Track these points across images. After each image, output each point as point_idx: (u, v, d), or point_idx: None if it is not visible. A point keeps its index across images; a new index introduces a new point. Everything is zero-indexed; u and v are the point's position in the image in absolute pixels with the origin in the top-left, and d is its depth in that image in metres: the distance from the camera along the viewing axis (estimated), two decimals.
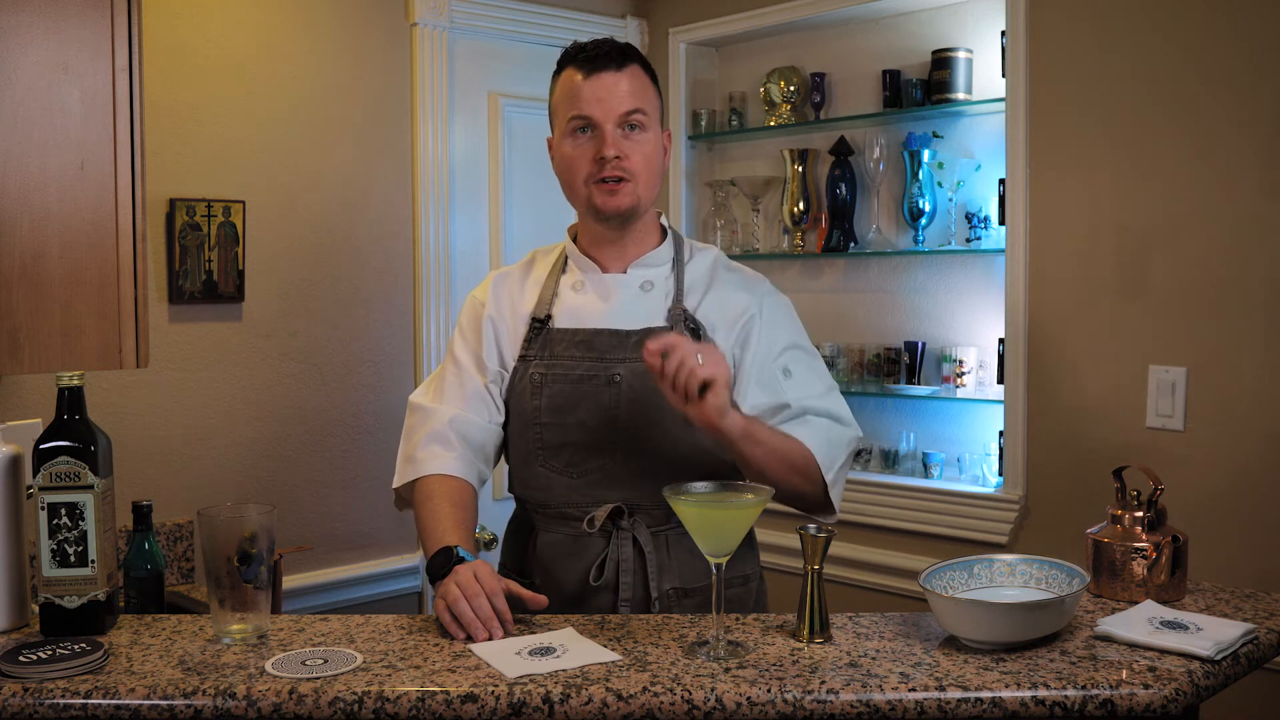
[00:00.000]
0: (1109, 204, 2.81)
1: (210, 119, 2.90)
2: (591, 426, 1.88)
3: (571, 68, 1.90)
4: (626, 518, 1.88)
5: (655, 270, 1.96)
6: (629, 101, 1.86)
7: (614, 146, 1.85)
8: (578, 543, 1.89)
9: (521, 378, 1.93)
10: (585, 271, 1.97)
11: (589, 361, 1.90)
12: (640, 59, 1.93)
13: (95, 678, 1.48)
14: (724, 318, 1.94)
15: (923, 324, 3.35)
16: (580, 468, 1.89)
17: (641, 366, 1.84)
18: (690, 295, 1.95)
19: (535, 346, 1.94)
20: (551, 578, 1.90)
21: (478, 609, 1.61)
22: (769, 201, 3.66)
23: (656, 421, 1.87)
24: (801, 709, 1.41)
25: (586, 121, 1.86)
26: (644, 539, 1.88)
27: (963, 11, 3.22)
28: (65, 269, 2.07)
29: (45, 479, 1.64)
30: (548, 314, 1.95)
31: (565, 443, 1.89)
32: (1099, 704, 1.41)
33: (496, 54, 3.48)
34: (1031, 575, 1.71)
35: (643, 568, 1.88)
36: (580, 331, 1.92)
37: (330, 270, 3.12)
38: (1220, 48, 2.62)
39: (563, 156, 1.91)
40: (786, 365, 1.93)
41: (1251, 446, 2.60)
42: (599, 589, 1.87)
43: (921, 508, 3.20)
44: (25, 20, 2.02)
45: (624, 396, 1.87)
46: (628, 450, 1.88)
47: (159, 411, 2.84)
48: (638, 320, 1.92)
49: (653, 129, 1.90)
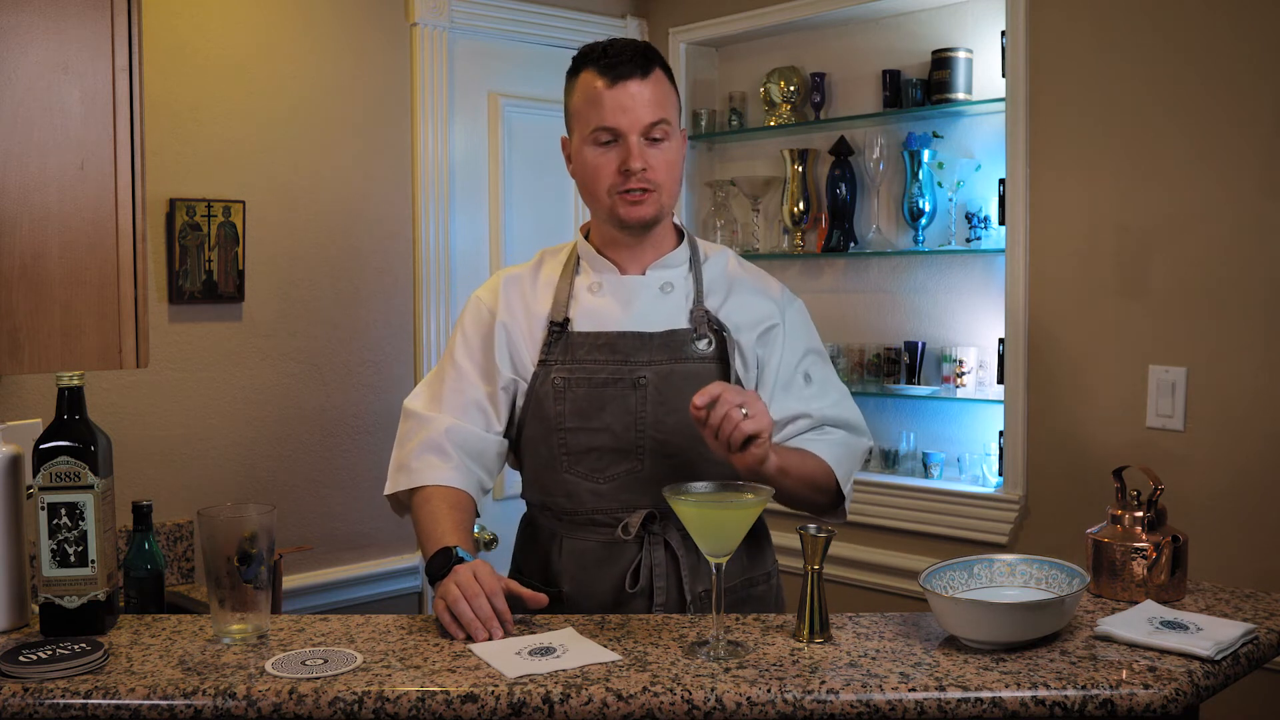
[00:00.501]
0: (1109, 204, 2.81)
1: (210, 119, 2.90)
2: (617, 431, 1.86)
3: (593, 71, 1.85)
4: (657, 522, 1.87)
5: (674, 271, 1.95)
6: (654, 112, 1.84)
7: (639, 159, 1.83)
8: (609, 550, 1.87)
9: (542, 382, 1.90)
10: (602, 273, 1.94)
11: (613, 365, 1.88)
12: (661, 61, 1.89)
13: (95, 678, 1.48)
14: (747, 321, 1.94)
15: (923, 324, 3.35)
16: (606, 473, 1.87)
17: (666, 369, 1.87)
18: (711, 296, 1.95)
19: (556, 350, 1.90)
20: (583, 586, 1.88)
21: (478, 609, 1.61)
22: (769, 201, 3.66)
23: (682, 424, 1.86)
24: (801, 709, 1.41)
25: (611, 133, 1.84)
26: (675, 542, 1.88)
27: (963, 11, 3.22)
28: (65, 269, 2.07)
29: (45, 479, 1.64)
30: (566, 317, 1.92)
31: (591, 448, 1.87)
32: (1099, 704, 1.41)
33: (496, 54, 3.48)
34: (1031, 575, 1.71)
35: (676, 571, 1.88)
36: (602, 335, 1.89)
37: (330, 270, 3.12)
38: (1220, 48, 2.62)
39: (584, 165, 1.88)
40: (807, 371, 1.96)
41: (1251, 446, 2.60)
42: (634, 595, 1.86)
43: (921, 508, 3.20)
44: (25, 20, 2.02)
45: (650, 399, 1.86)
46: (654, 454, 1.87)
47: (159, 411, 2.84)
48: (660, 322, 1.91)
49: (675, 136, 1.88)
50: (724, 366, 1.91)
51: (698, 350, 1.90)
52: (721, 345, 1.91)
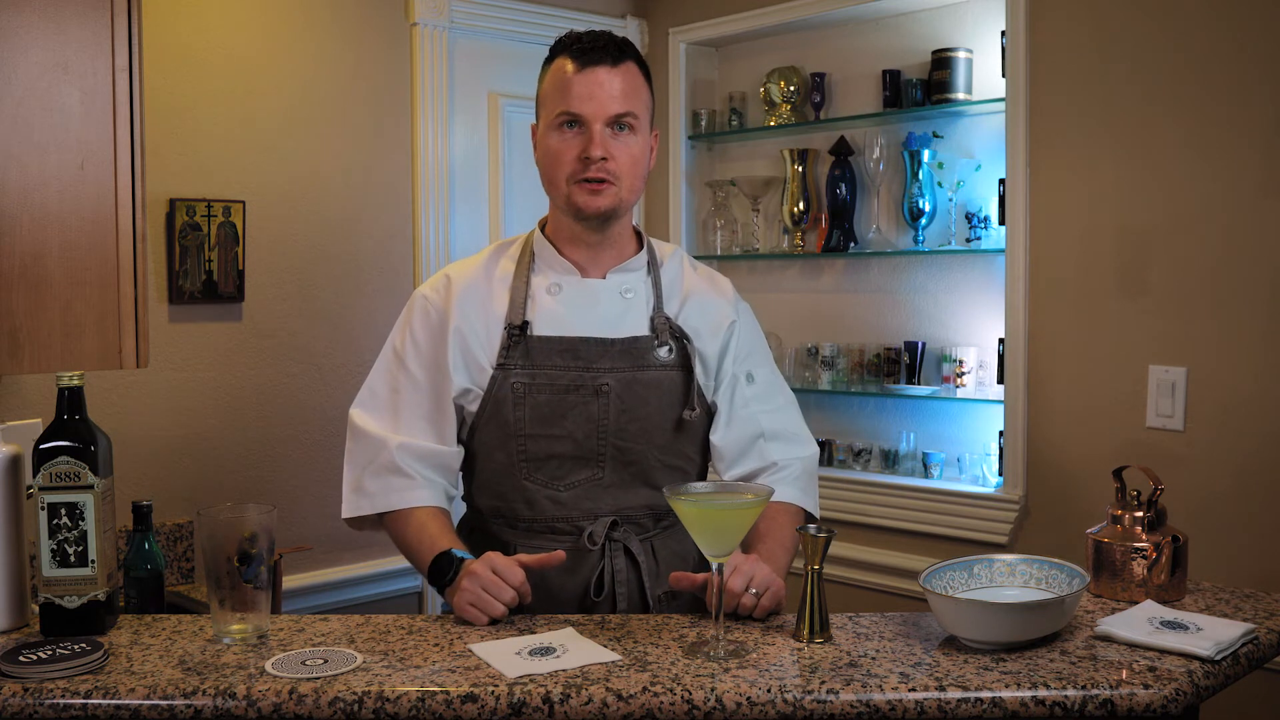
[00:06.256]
0: (1109, 204, 2.81)
1: (210, 119, 2.90)
2: (579, 438, 1.84)
3: (565, 57, 1.83)
4: (618, 529, 1.87)
5: (634, 276, 1.92)
6: (621, 103, 1.81)
7: (600, 147, 1.79)
8: (571, 558, 1.83)
9: (500, 387, 1.85)
10: (561, 274, 1.90)
11: (575, 371, 1.84)
12: (636, 55, 1.87)
13: (95, 678, 1.48)
14: (706, 325, 1.94)
15: (923, 324, 3.35)
16: (566, 480, 1.86)
17: (629, 376, 1.86)
18: (669, 302, 1.93)
19: (515, 354, 1.85)
20: (546, 594, 1.83)
21: (509, 604, 1.67)
22: (769, 201, 3.66)
23: (643, 431, 1.86)
24: (801, 709, 1.41)
25: (574, 118, 1.80)
26: (636, 548, 1.88)
27: (963, 11, 3.22)
28: (65, 269, 2.07)
29: (45, 479, 1.64)
30: (524, 320, 1.86)
31: (551, 455, 1.85)
32: (1099, 704, 1.41)
33: (496, 54, 3.48)
34: (1031, 575, 1.71)
35: (638, 577, 1.88)
36: (564, 340, 1.85)
37: (330, 270, 3.12)
38: (1220, 48, 2.62)
39: (546, 149, 1.84)
40: (750, 371, 1.97)
41: (1251, 446, 2.60)
42: (598, 603, 1.85)
43: (921, 508, 3.20)
44: (25, 20, 2.02)
45: (613, 406, 1.85)
46: (614, 461, 1.86)
47: (159, 411, 2.83)
48: (621, 328, 1.88)
49: (642, 131, 1.85)
50: (686, 375, 1.90)
51: (659, 358, 1.88)
52: (683, 353, 1.90)
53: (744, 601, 1.67)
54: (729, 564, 1.65)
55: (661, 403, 1.88)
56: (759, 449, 1.93)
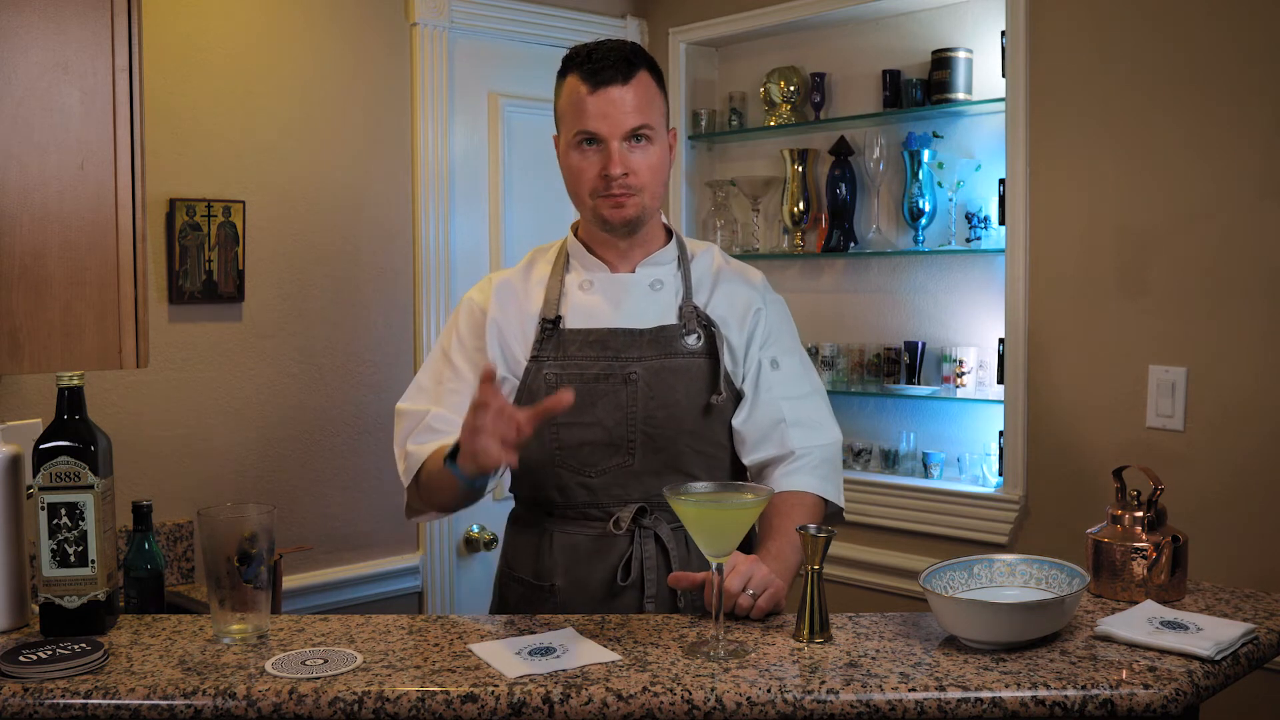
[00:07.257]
0: (1109, 204, 2.81)
1: (210, 119, 2.89)
2: (609, 425, 1.89)
3: (576, 76, 1.88)
4: (648, 515, 1.90)
5: (663, 269, 1.98)
6: (635, 118, 1.86)
7: (620, 164, 1.85)
8: (600, 543, 1.90)
9: (534, 378, 1.93)
10: (592, 271, 1.97)
11: (604, 361, 1.91)
12: (646, 61, 1.91)
13: (95, 678, 1.48)
14: (734, 313, 1.98)
15: (923, 324, 3.35)
16: (598, 467, 1.90)
17: (657, 364, 1.90)
18: (699, 293, 1.98)
19: (548, 347, 1.94)
20: (575, 580, 1.91)
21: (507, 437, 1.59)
22: (769, 201, 3.66)
23: (672, 418, 1.90)
24: (801, 709, 1.41)
25: (592, 136, 1.86)
26: (665, 536, 1.91)
27: (963, 11, 3.22)
28: (65, 269, 2.07)
29: (45, 479, 1.64)
30: (557, 314, 1.95)
31: (584, 442, 1.90)
32: (1099, 704, 1.41)
33: (496, 54, 3.47)
34: (1031, 575, 1.71)
35: (666, 564, 1.90)
36: (594, 331, 1.93)
37: (330, 270, 3.12)
38: (1219, 48, 2.62)
39: (568, 166, 1.92)
40: (775, 357, 1.99)
41: (1251, 446, 2.60)
42: (626, 588, 1.89)
43: (921, 508, 3.20)
44: (25, 20, 2.02)
45: (641, 394, 1.89)
46: (644, 448, 1.90)
47: (159, 411, 2.83)
48: (650, 319, 1.94)
49: (659, 139, 1.90)
50: (713, 361, 1.94)
51: (687, 345, 1.93)
52: (710, 340, 1.95)
53: (741, 602, 1.67)
54: (728, 563, 1.66)
55: (689, 389, 1.92)
56: (780, 435, 1.94)
